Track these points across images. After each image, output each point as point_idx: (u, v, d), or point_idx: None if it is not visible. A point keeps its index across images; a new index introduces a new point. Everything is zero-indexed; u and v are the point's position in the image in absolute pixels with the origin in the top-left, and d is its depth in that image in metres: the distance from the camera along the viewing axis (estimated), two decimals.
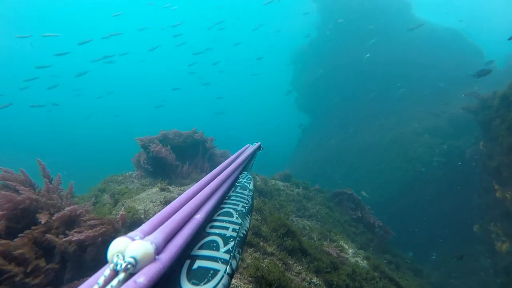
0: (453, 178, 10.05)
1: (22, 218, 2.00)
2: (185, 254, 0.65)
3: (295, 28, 28.04)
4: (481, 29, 28.65)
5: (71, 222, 2.11)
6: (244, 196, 1.06)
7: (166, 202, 3.29)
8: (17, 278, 1.65)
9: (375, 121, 15.09)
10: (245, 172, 1.34)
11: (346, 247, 4.49)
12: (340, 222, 5.88)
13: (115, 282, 0.42)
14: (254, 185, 1.21)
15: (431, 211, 9.98)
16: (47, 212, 2.03)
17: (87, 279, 0.43)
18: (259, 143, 1.88)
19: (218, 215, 0.87)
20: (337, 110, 17.35)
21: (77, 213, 2.13)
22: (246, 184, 1.19)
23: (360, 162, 13.38)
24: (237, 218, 0.87)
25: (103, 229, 2.08)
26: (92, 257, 2.04)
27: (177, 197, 0.74)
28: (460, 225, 9.11)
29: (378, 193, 11.04)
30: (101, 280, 0.42)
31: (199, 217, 0.70)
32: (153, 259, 0.49)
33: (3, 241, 1.72)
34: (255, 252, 2.71)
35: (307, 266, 2.97)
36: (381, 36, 15.87)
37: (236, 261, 0.69)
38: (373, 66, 15.98)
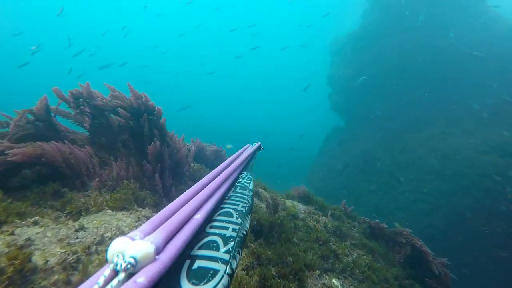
0: None
1: None
2: (185, 254, 0.66)
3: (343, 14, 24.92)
4: None
5: None
6: (244, 196, 1.06)
7: None
8: None
9: (424, 130, 12.32)
10: (245, 172, 1.35)
11: None
12: (390, 281, 3.50)
13: (115, 282, 0.43)
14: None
15: (499, 256, 7.44)
16: None
17: (87, 279, 0.43)
18: (259, 143, 1.88)
19: (218, 215, 0.87)
20: (375, 112, 14.93)
21: None
22: (246, 184, 1.19)
23: (399, 179, 11.02)
24: (237, 218, 0.87)
25: None
26: None
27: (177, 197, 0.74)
28: None
29: (419, 221, 9.02)
30: (101, 280, 0.42)
31: (199, 217, 0.71)
32: (153, 259, 0.49)
33: None
34: None
35: None
36: (444, 29, 12.88)
37: (236, 261, 0.69)
38: (428, 65, 13.24)
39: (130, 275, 0.45)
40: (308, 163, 19.19)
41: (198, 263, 0.63)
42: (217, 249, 0.69)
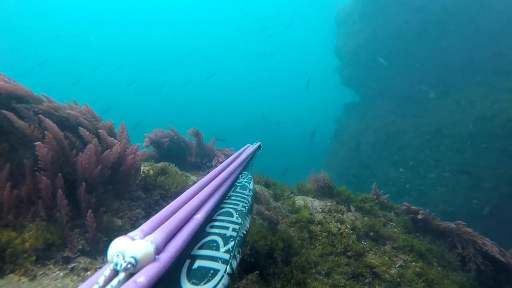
0: None
1: None
2: (185, 254, 0.66)
3: None
4: None
5: None
6: (244, 196, 1.06)
7: None
8: None
9: (452, 93, 10.72)
10: (245, 172, 1.35)
11: None
12: None
13: (115, 282, 0.43)
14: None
15: None
16: None
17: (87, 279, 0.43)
18: (259, 143, 1.88)
19: (218, 215, 0.87)
20: (394, 81, 13.31)
21: None
22: (246, 184, 1.19)
23: (422, 156, 9.85)
24: (237, 218, 0.87)
25: None
26: None
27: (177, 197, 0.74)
28: None
29: (461, 198, 8.01)
30: (101, 280, 0.42)
31: (199, 217, 0.71)
32: (153, 259, 0.49)
33: None
34: None
35: None
36: None
37: (236, 261, 0.69)
38: (456, 17, 11.45)
39: (130, 275, 0.45)
40: (324, 149, 17.81)
41: (198, 263, 0.63)
42: (217, 248, 0.69)
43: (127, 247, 0.47)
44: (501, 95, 9.35)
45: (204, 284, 0.58)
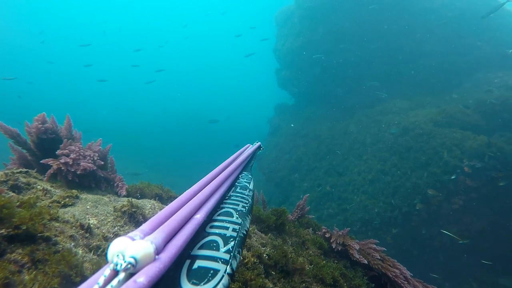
0: (492, 190, 7.29)
1: None
2: (185, 254, 0.66)
3: None
4: None
5: None
6: (244, 196, 1.06)
7: None
8: None
9: (378, 104, 11.61)
10: (245, 172, 1.35)
11: None
12: None
13: (115, 282, 0.43)
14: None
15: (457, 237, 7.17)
16: None
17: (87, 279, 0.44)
18: (259, 143, 1.88)
19: (218, 215, 0.88)
20: (324, 87, 13.83)
21: None
22: (246, 184, 1.19)
23: (347, 163, 10.36)
24: (237, 218, 0.87)
25: None
26: None
27: (177, 197, 0.75)
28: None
29: (379, 203, 8.54)
30: (101, 280, 0.42)
31: (199, 217, 0.71)
32: (153, 259, 0.49)
33: None
34: None
35: None
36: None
37: (236, 261, 0.69)
38: (377, 35, 12.50)
39: (130, 275, 0.45)
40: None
41: (198, 263, 0.64)
42: (218, 249, 0.70)
43: (127, 247, 0.48)
44: (418, 110, 10.46)
45: (204, 284, 0.58)
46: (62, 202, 2.19)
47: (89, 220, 2.10)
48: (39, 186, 2.29)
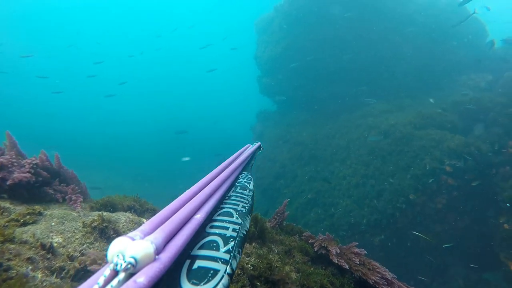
0: (473, 188, 7.64)
1: None
2: (185, 254, 0.65)
3: None
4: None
5: None
6: (244, 196, 1.06)
7: None
8: None
9: (358, 109, 12.01)
10: (245, 172, 1.35)
11: None
12: None
13: (115, 282, 0.42)
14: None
15: (440, 234, 7.72)
16: None
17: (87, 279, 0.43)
18: (259, 143, 1.88)
19: (218, 215, 0.87)
20: (305, 92, 14.03)
21: None
22: (246, 184, 1.19)
23: (332, 168, 10.49)
24: (237, 218, 0.87)
25: None
26: None
27: (178, 197, 0.74)
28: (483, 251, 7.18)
29: (364, 206, 8.68)
30: (101, 280, 0.42)
31: (199, 217, 0.71)
32: (153, 259, 0.49)
33: None
34: None
35: None
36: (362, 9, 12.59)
37: (236, 261, 0.69)
38: (354, 39, 12.94)
39: (130, 275, 0.45)
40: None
41: (198, 263, 0.63)
42: (218, 249, 0.69)
43: (127, 247, 0.47)
44: (398, 113, 10.79)
45: (204, 284, 0.57)
46: (22, 221, 2.04)
47: (52, 238, 1.97)
48: None
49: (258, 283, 2.20)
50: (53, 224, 2.14)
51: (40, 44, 41.33)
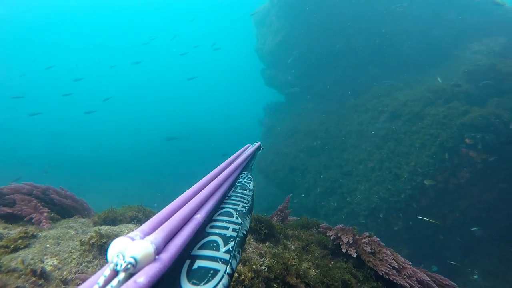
0: (497, 160, 7.15)
1: None
2: (185, 254, 0.66)
3: None
4: None
5: None
6: (244, 196, 1.06)
7: None
8: None
9: (368, 91, 11.62)
10: (245, 172, 1.35)
11: None
12: None
13: (115, 282, 0.43)
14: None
15: (464, 211, 7.44)
16: None
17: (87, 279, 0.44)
18: (259, 143, 1.88)
19: (218, 215, 0.88)
20: (312, 80, 13.61)
21: None
22: (246, 184, 1.19)
23: (346, 155, 10.26)
24: (237, 218, 0.87)
25: None
26: None
27: (177, 197, 0.75)
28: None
29: (382, 190, 8.48)
30: (101, 280, 0.43)
31: (199, 217, 0.71)
32: (153, 259, 0.49)
33: None
34: None
35: None
36: None
37: (236, 261, 0.70)
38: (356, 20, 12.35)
39: (130, 275, 0.46)
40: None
41: (198, 263, 0.64)
42: (218, 249, 0.70)
43: (127, 247, 0.48)
44: (406, 90, 10.23)
45: (204, 284, 0.58)
46: (12, 246, 1.93)
47: (45, 262, 1.85)
48: None
49: (275, 285, 2.05)
50: (47, 246, 2.05)
51: (16, 62, 41.49)
